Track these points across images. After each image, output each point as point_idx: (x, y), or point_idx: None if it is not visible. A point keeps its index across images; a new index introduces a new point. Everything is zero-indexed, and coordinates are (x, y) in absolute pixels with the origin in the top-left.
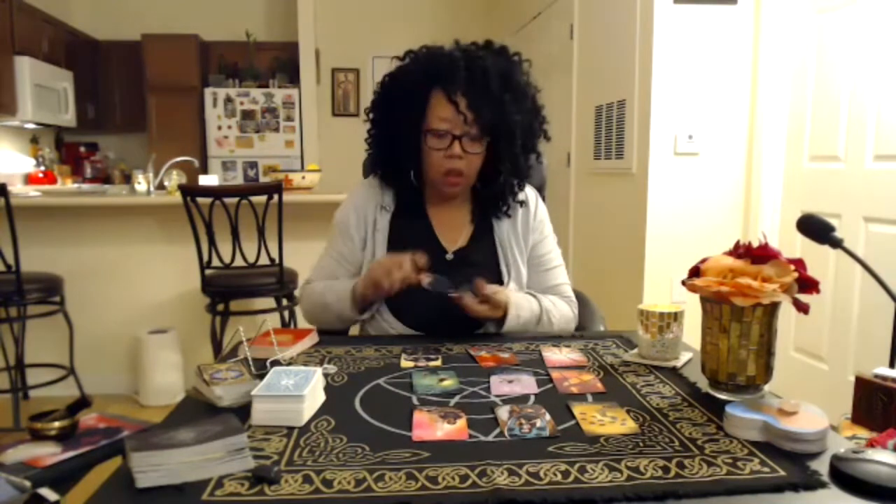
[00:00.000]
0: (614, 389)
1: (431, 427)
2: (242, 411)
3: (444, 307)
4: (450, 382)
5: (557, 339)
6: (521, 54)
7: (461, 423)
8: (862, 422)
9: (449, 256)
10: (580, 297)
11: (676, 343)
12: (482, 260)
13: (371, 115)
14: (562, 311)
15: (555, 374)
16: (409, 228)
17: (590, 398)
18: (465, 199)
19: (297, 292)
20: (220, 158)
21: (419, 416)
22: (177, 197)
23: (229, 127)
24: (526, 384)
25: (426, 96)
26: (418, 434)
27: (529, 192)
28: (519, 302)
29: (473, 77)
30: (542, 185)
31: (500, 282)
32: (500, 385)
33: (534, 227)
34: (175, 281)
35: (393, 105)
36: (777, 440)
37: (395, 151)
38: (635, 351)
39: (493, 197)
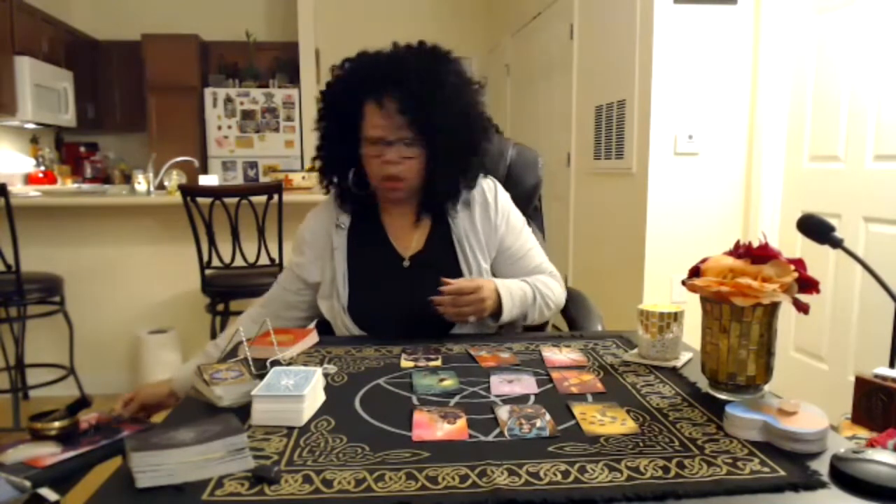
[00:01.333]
0: (614, 389)
1: (431, 427)
2: (242, 411)
3: (410, 313)
4: (450, 382)
5: (557, 338)
6: (452, 52)
7: (461, 423)
8: (862, 422)
9: (405, 263)
10: (579, 297)
11: (676, 343)
12: (439, 261)
13: (318, 127)
14: (550, 284)
15: (555, 374)
16: (365, 240)
17: (590, 398)
18: (416, 203)
19: None
20: (220, 158)
21: (419, 416)
22: (177, 197)
23: (229, 127)
24: (526, 384)
25: (360, 105)
26: (418, 434)
27: (488, 185)
28: (508, 285)
29: (400, 80)
30: (537, 184)
31: None
32: (500, 385)
33: (496, 222)
34: (175, 281)
35: (334, 116)
36: (777, 440)
37: (341, 162)
38: (635, 351)
39: (435, 198)
